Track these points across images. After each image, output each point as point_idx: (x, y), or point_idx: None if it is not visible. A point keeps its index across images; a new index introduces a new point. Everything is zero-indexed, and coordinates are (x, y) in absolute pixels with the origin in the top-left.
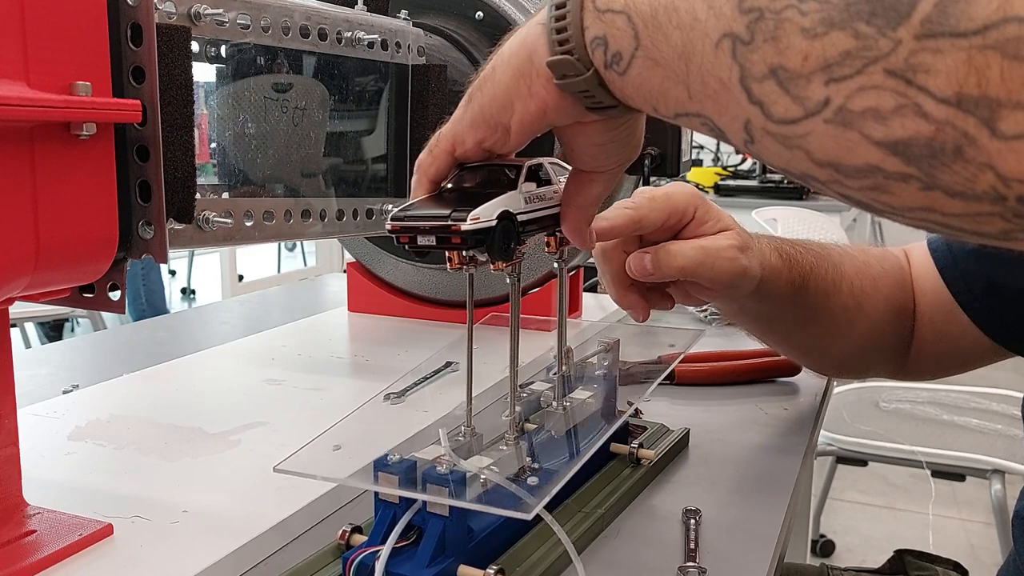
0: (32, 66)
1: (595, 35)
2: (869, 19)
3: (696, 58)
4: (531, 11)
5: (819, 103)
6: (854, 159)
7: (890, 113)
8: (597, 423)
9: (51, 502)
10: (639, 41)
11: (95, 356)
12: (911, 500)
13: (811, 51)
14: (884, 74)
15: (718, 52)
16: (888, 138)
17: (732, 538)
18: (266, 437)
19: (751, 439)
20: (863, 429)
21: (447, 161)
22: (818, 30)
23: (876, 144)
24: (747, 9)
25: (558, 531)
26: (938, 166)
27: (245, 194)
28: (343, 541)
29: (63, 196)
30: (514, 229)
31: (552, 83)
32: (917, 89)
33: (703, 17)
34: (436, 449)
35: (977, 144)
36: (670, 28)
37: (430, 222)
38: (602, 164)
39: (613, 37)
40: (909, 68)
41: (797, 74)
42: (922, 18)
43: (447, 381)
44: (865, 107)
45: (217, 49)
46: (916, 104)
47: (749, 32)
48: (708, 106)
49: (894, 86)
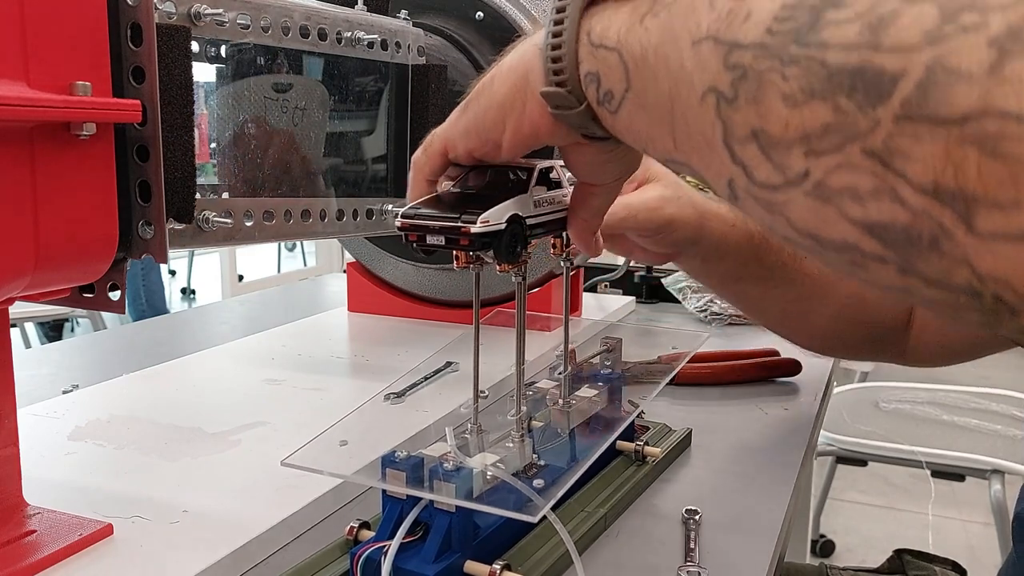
0: (32, 66)
1: (589, 70)
2: (850, 93)
3: (681, 109)
4: (531, 11)
5: (799, 174)
6: (832, 234)
7: (867, 195)
8: (603, 422)
9: (51, 502)
10: (629, 82)
11: (95, 356)
12: (911, 500)
13: (791, 119)
14: (862, 154)
15: (703, 106)
16: (865, 219)
17: (732, 538)
18: (266, 437)
19: (751, 439)
20: (863, 429)
21: (441, 162)
22: (799, 98)
23: (853, 223)
24: (732, 65)
25: (561, 531)
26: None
27: (245, 194)
28: (351, 537)
29: (63, 196)
30: (522, 233)
31: (546, 108)
32: (895, 174)
33: (690, 67)
34: (443, 446)
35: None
36: (659, 73)
37: (440, 222)
38: (600, 178)
39: (605, 75)
40: (887, 151)
41: (778, 141)
42: (902, 99)
43: (447, 381)
44: (843, 185)
45: (217, 49)
46: (893, 189)
47: (733, 90)
48: (694, 159)
49: (872, 168)
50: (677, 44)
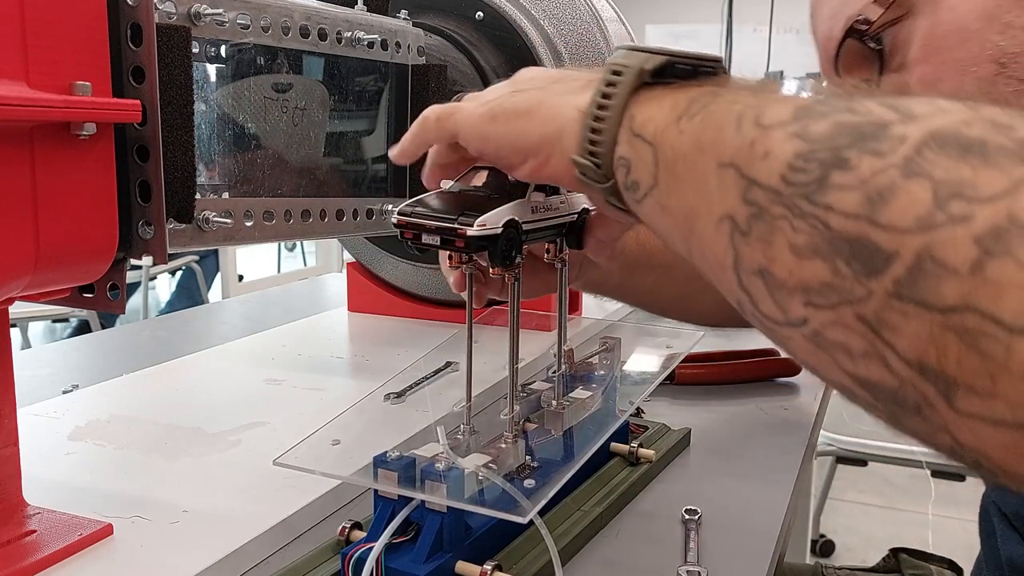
0: (32, 66)
1: (623, 155)
2: (848, 260)
3: (699, 226)
4: (531, 11)
5: (799, 319)
6: (829, 375)
7: (858, 355)
8: (596, 423)
9: (51, 502)
10: (657, 180)
11: (95, 356)
12: (911, 500)
13: (795, 269)
14: (855, 319)
15: (718, 231)
16: (856, 374)
17: (732, 538)
18: (266, 437)
19: (751, 439)
20: (863, 429)
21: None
22: (804, 252)
23: (847, 374)
24: (750, 201)
25: (546, 536)
26: (901, 413)
27: (245, 194)
28: (343, 537)
29: (63, 196)
30: (518, 238)
31: (572, 167)
32: (884, 343)
33: (712, 189)
34: (435, 446)
35: (936, 410)
36: (685, 183)
37: (437, 222)
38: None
39: (636, 165)
40: (878, 321)
41: (781, 285)
42: (894, 278)
43: (447, 381)
44: (836, 341)
45: (217, 49)
46: (882, 356)
47: (748, 224)
48: (706, 270)
49: (864, 333)
50: (704, 160)
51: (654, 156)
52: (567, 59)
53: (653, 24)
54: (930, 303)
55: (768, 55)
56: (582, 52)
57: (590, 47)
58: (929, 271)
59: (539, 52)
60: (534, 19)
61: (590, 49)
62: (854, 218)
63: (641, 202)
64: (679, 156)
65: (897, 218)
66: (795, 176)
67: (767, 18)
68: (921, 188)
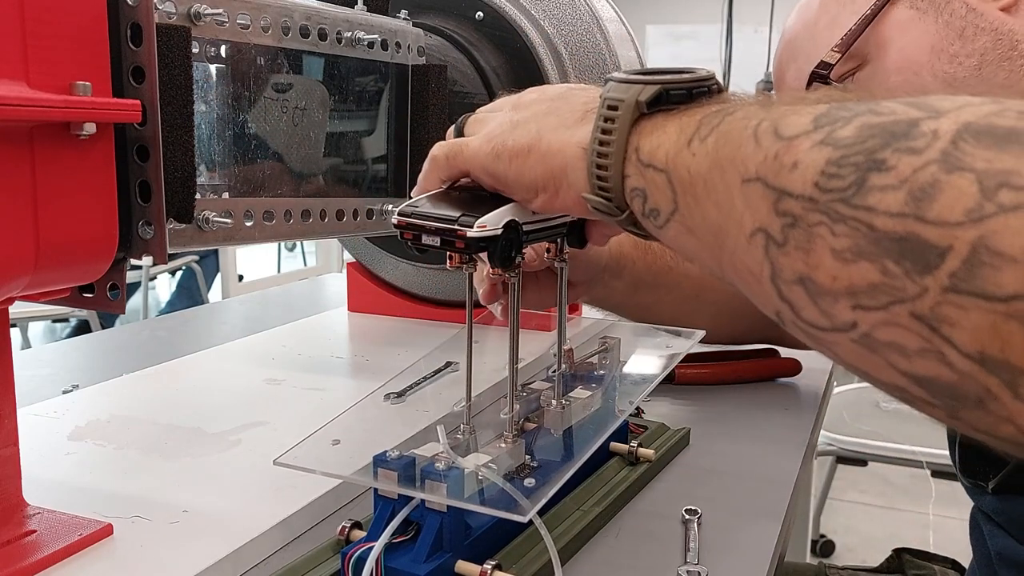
0: (32, 66)
1: (635, 187)
2: (898, 259)
3: (730, 243)
4: (531, 11)
5: (846, 323)
6: (881, 376)
7: (914, 353)
8: (596, 423)
9: (51, 502)
10: (677, 205)
11: (95, 356)
12: (911, 500)
13: (840, 274)
14: (910, 316)
15: (751, 244)
16: (912, 372)
17: (732, 538)
18: (266, 437)
19: (751, 439)
20: (863, 429)
21: (458, 175)
22: (847, 256)
23: (901, 373)
24: (782, 212)
25: (545, 536)
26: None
27: (245, 194)
28: (342, 536)
29: (63, 196)
30: (518, 239)
31: (582, 200)
32: (941, 339)
33: (739, 205)
34: (435, 446)
35: (999, 401)
36: (707, 203)
37: (437, 223)
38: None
39: (652, 194)
40: (935, 317)
41: (826, 291)
42: (950, 272)
43: (447, 381)
44: (890, 340)
45: (217, 49)
46: (940, 352)
47: (783, 235)
48: (740, 285)
49: (919, 330)
50: (725, 179)
51: (669, 182)
52: (567, 59)
53: (653, 24)
54: (990, 294)
55: (768, 55)
56: (582, 52)
57: (590, 47)
58: (986, 262)
59: (539, 52)
60: (534, 19)
61: (590, 49)
62: (900, 217)
63: (663, 227)
64: (697, 178)
65: (946, 213)
66: (830, 183)
67: (767, 18)
68: (966, 181)
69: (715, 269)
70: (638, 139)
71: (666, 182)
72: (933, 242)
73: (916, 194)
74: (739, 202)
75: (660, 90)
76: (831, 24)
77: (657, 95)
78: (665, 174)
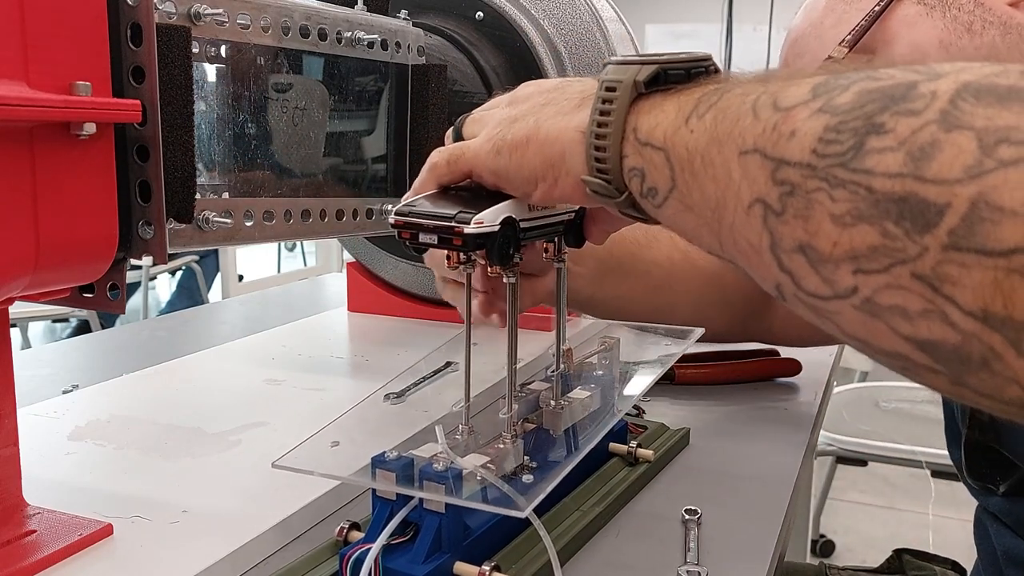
0: (32, 66)
1: (633, 166)
2: (897, 220)
3: (728, 216)
4: (531, 11)
5: (848, 289)
6: (882, 344)
7: (916, 315)
8: (595, 422)
9: (51, 502)
10: (675, 183)
11: (95, 356)
12: (911, 500)
13: (840, 239)
14: (911, 277)
15: (750, 216)
16: (915, 336)
17: (732, 538)
18: (266, 437)
19: (751, 439)
20: (863, 429)
21: (461, 178)
22: (847, 220)
23: (904, 338)
24: (780, 180)
25: (544, 536)
26: (965, 371)
27: (245, 194)
28: (341, 538)
29: (63, 196)
30: (515, 236)
31: (581, 185)
32: (944, 298)
33: (736, 178)
34: (433, 447)
35: (1004, 360)
36: (705, 179)
37: (434, 221)
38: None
39: (650, 173)
40: (936, 276)
41: (826, 257)
42: (949, 229)
43: (447, 381)
44: (892, 304)
45: (217, 49)
46: (943, 312)
47: (781, 204)
48: (740, 260)
49: (921, 291)
50: (723, 153)
51: (667, 160)
52: (567, 59)
53: (653, 24)
54: (990, 249)
55: (768, 53)
56: (582, 52)
57: (590, 47)
58: (986, 217)
59: (539, 52)
60: (534, 19)
61: (590, 49)
62: (898, 177)
63: (662, 207)
64: (695, 153)
65: (945, 170)
66: (827, 148)
67: (767, 18)
68: (964, 138)
69: (714, 246)
70: (636, 119)
71: (664, 160)
72: (932, 200)
73: (915, 154)
74: (737, 175)
75: (658, 70)
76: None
77: (655, 75)
78: (663, 152)
